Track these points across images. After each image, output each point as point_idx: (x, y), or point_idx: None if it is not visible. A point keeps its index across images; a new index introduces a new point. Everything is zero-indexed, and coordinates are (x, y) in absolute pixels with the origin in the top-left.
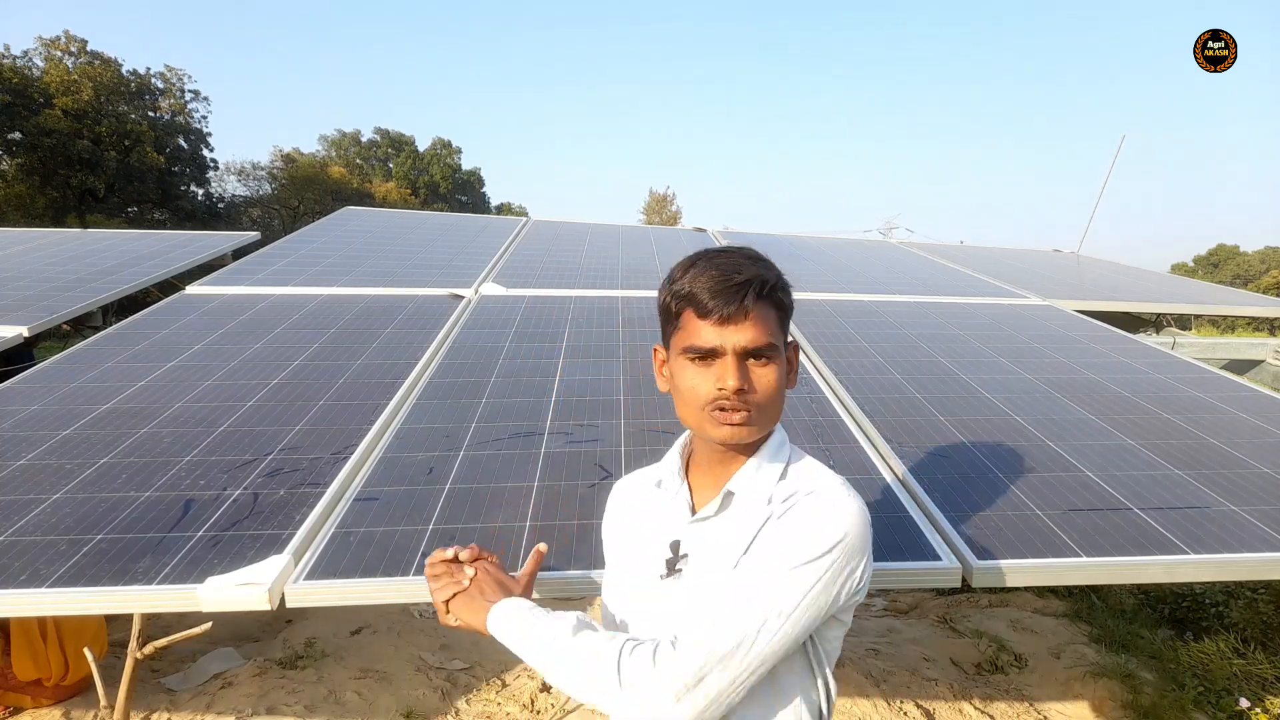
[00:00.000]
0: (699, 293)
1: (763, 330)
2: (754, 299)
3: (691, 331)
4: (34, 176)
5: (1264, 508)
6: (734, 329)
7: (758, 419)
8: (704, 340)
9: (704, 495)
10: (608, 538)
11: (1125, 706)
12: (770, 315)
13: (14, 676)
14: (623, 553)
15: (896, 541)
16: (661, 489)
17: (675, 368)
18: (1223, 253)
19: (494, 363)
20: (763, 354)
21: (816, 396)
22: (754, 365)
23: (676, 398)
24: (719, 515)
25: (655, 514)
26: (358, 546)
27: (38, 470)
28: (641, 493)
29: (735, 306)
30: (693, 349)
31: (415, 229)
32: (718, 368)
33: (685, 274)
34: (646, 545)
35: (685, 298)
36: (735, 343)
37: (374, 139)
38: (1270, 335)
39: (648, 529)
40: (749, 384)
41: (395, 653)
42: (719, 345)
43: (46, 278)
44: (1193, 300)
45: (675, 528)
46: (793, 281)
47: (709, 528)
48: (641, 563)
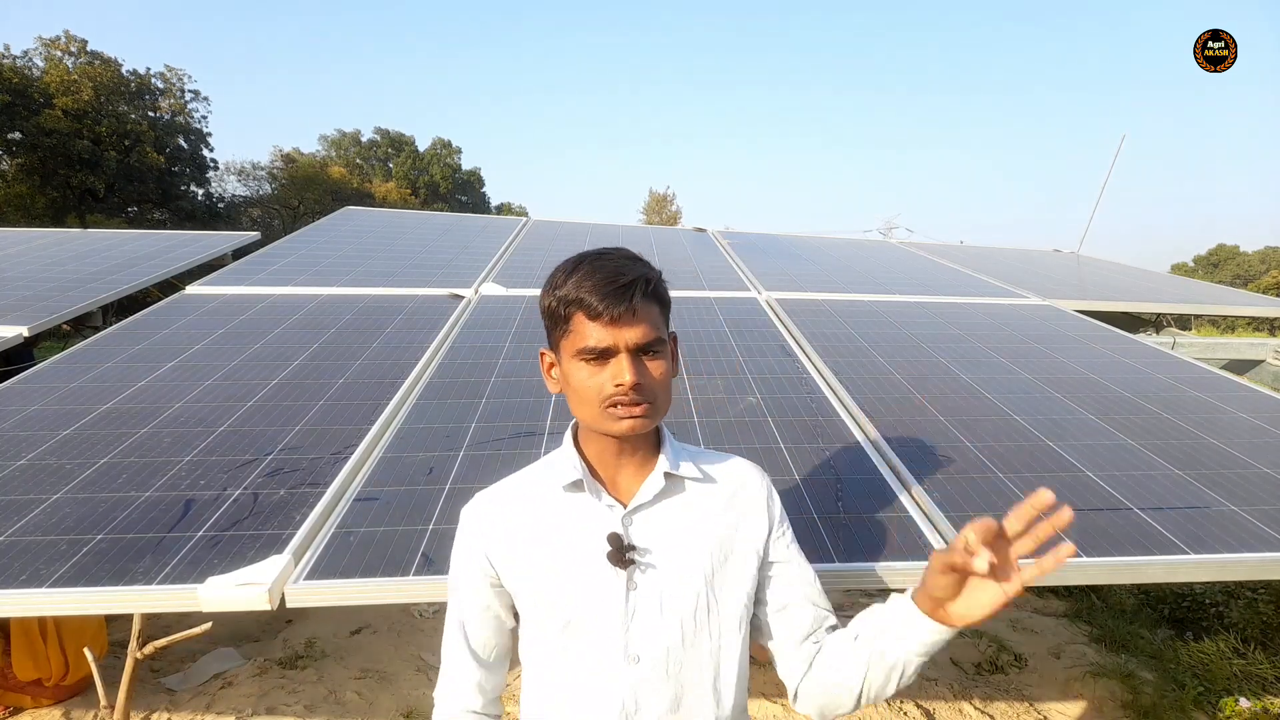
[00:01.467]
0: (587, 296)
1: (652, 326)
2: (640, 297)
3: (583, 334)
4: (34, 176)
5: (1264, 508)
6: (626, 328)
7: (656, 409)
8: (597, 341)
9: (623, 486)
10: (512, 551)
11: (1125, 706)
12: (655, 311)
13: (14, 676)
14: (552, 562)
15: (896, 541)
16: (579, 490)
17: (568, 369)
18: (1223, 253)
19: (494, 363)
20: (653, 348)
21: (816, 396)
22: (646, 360)
23: (572, 397)
24: (660, 501)
25: (574, 515)
26: (358, 546)
27: (38, 470)
28: (548, 498)
29: (625, 306)
30: (587, 350)
31: (415, 229)
32: (612, 366)
33: (569, 278)
34: (579, 547)
35: (574, 302)
36: (628, 340)
37: (374, 139)
38: (1270, 335)
39: (571, 531)
40: (645, 377)
41: (395, 653)
42: (613, 344)
43: (46, 278)
44: (1193, 300)
45: (604, 522)
46: (793, 281)
47: (651, 515)
48: (579, 565)
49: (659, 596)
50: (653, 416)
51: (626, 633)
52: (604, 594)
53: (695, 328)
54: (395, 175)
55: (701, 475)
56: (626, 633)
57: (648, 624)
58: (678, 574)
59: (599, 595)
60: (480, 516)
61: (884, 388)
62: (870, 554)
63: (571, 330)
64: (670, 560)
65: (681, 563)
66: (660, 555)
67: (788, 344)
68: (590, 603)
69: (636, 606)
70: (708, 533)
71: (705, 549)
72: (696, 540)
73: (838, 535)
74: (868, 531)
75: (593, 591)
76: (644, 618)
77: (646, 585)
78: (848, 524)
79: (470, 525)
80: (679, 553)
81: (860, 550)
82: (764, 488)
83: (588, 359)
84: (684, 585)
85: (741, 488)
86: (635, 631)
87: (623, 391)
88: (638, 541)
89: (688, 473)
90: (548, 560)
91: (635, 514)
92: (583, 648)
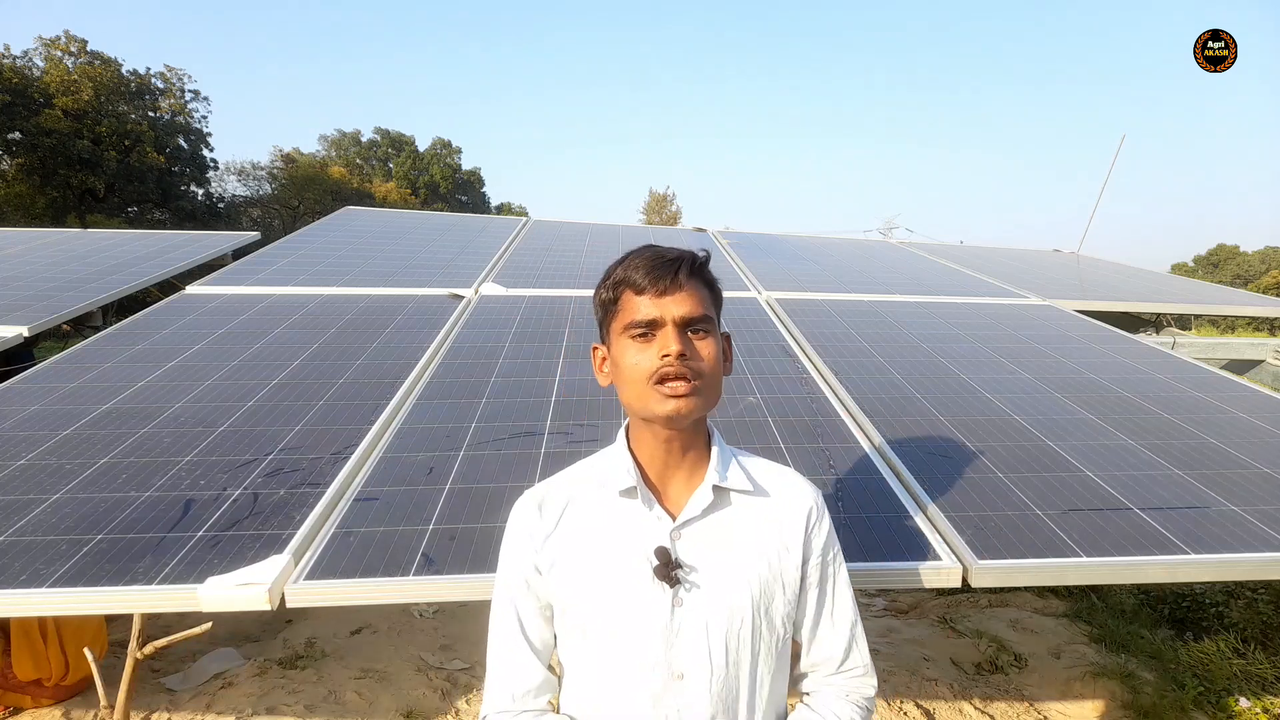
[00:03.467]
0: (634, 274)
1: (698, 302)
2: (686, 274)
3: (630, 309)
4: (34, 176)
5: (1264, 508)
6: (671, 300)
7: (703, 390)
8: (643, 314)
9: (673, 496)
10: (560, 557)
11: (1125, 706)
12: (703, 291)
13: (14, 676)
14: (599, 570)
15: (896, 541)
16: (633, 497)
17: (617, 352)
18: (1223, 253)
19: (494, 363)
20: (700, 325)
21: (816, 396)
22: (694, 337)
23: (620, 382)
24: (709, 515)
25: (624, 523)
26: (358, 546)
27: (38, 470)
28: (600, 502)
29: (670, 279)
30: (633, 324)
31: (415, 229)
32: (659, 340)
33: (619, 266)
34: (626, 558)
35: (622, 282)
36: (673, 313)
37: (374, 139)
38: (1270, 335)
39: (620, 540)
40: (691, 352)
41: (395, 653)
42: (659, 316)
43: (46, 278)
44: (1193, 300)
45: (653, 534)
46: (793, 281)
47: (700, 530)
48: (626, 576)
49: (704, 616)
50: (701, 399)
51: (670, 650)
52: (649, 610)
53: None
54: (395, 175)
55: (753, 488)
56: (670, 650)
57: (692, 643)
58: (724, 594)
59: (644, 611)
60: (529, 517)
61: (884, 388)
62: (870, 554)
63: (620, 309)
64: (717, 579)
65: (728, 583)
66: (707, 574)
67: (788, 344)
68: (635, 617)
69: (681, 624)
70: (755, 553)
71: (753, 570)
72: (744, 559)
73: (837, 535)
74: (868, 531)
75: (638, 606)
76: (688, 636)
77: (692, 603)
78: (847, 524)
79: (520, 525)
80: (726, 571)
81: (860, 550)
82: (805, 516)
83: (635, 335)
84: (730, 606)
85: (790, 509)
86: (679, 649)
87: (669, 363)
88: (685, 557)
89: (737, 484)
90: (595, 570)
91: (684, 528)
92: (626, 660)
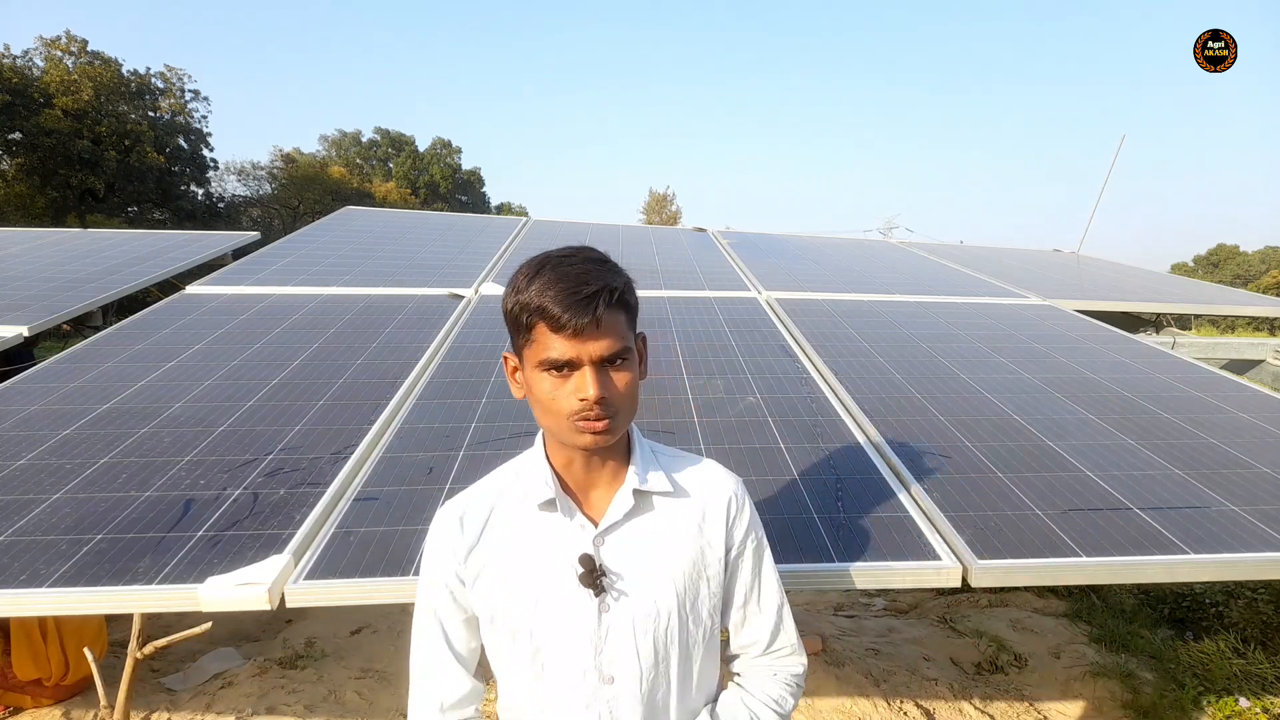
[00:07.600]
0: (550, 306)
1: (617, 337)
2: (605, 307)
3: (546, 345)
4: (34, 176)
5: (1264, 508)
6: (590, 341)
7: (620, 422)
8: (560, 354)
9: (595, 502)
10: (483, 569)
11: (1125, 706)
12: (621, 319)
13: (14, 676)
14: (525, 581)
15: (896, 541)
16: (552, 510)
17: (531, 379)
18: (1223, 253)
19: (494, 363)
20: (619, 358)
21: (816, 396)
22: (612, 371)
23: (535, 406)
24: (631, 520)
25: (546, 533)
26: (358, 546)
27: (38, 470)
28: (519, 514)
29: (589, 318)
30: (549, 362)
31: (415, 229)
32: (576, 379)
33: (532, 283)
34: (551, 567)
35: (536, 310)
36: (592, 354)
37: (374, 139)
38: (1270, 335)
39: (543, 550)
40: (609, 390)
41: (395, 653)
42: (576, 357)
43: (46, 278)
44: (1193, 300)
45: (576, 542)
46: (793, 281)
47: (622, 535)
48: (552, 586)
49: (631, 618)
50: (616, 429)
51: (599, 655)
52: (577, 617)
53: (695, 327)
54: (395, 175)
55: (673, 488)
56: (599, 655)
57: (621, 645)
58: (650, 595)
59: (572, 618)
60: (450, 531)
61: (884, 388)
62: (870, 554)
63: (534, 340)
64: (642, 581)
65: (653, 584)
66: (632, 577)
67: (788, 344)
68: (564, 626)
69: (609, 629)
70: (679, 552)
71: (678, 569)
72: (667, 560)
73: (837, 535)
74: (867, 531)
75: (566, 615)
76: (617, 639)
77: (619, 608)
78: (847, 524)
79: (441, 539)
80: (651, 573)
81: (860, 550)
82: (726, 508)
83: (551, 371)
84: (656, 606)
85: (710, 504)
86: (608, 653)
87: (586, 406)
88: (609, 563)
89: (658, 486)
90: (521, 581)
91: (607, 534)
92: (557, 667)
